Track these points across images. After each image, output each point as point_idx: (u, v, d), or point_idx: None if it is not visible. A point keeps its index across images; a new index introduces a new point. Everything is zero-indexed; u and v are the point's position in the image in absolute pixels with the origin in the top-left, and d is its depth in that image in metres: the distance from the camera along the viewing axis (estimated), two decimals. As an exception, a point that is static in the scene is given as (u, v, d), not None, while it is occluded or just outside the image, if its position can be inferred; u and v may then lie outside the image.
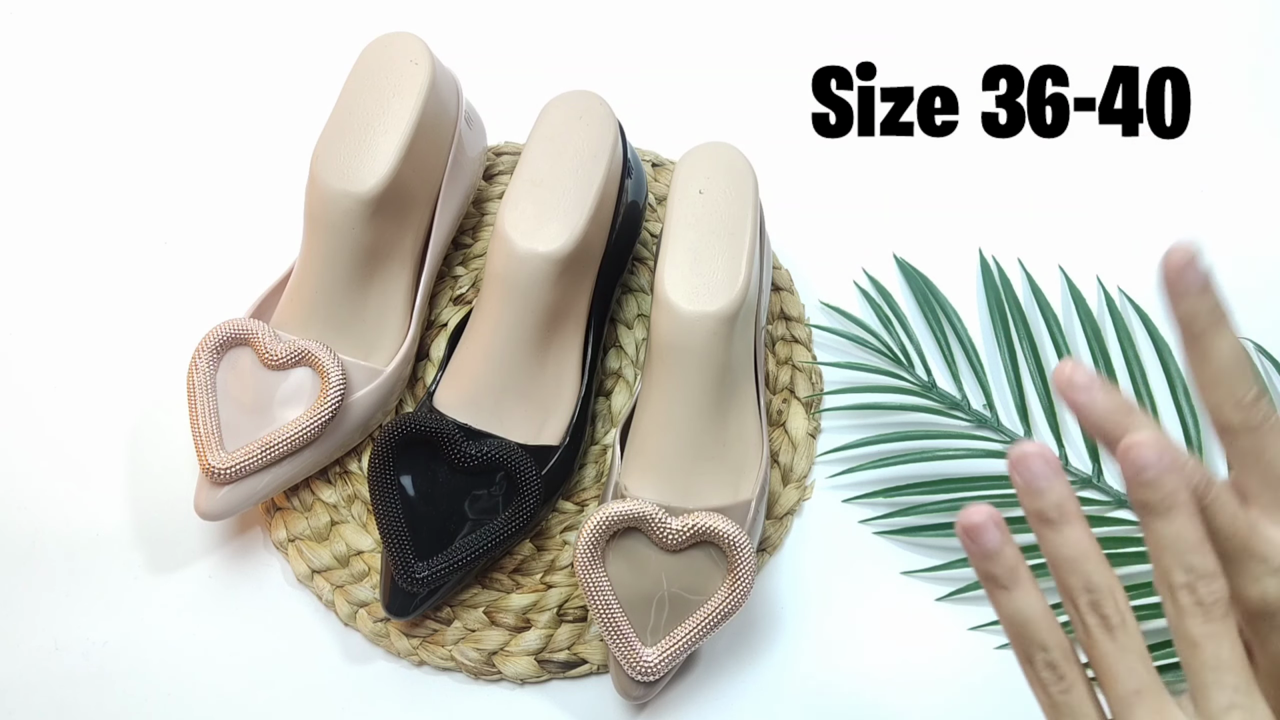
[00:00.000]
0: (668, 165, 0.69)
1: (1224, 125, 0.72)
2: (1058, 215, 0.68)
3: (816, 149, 0.71)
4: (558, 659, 0.54)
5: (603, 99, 0.58)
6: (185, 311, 0.63)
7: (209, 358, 0.53)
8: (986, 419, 0.60)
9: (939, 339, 0.62)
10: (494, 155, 0.68)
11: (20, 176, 0.68)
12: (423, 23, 0.63)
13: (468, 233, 0.66)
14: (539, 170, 0.55)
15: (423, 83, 0.56)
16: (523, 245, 0.52)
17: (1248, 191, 0.69)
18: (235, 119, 0.71)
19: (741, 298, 0.51)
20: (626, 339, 0.62)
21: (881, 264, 0.66)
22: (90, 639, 0.54)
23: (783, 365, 0.62)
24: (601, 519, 0.49)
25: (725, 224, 0.54)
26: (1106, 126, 0.72)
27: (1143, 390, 0.60)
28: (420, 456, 0.53)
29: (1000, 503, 0.57)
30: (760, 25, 0.76)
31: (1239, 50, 0.75)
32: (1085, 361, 0.35)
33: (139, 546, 0.57)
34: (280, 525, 0.56)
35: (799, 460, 0.59)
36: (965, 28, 0.76)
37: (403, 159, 0.54)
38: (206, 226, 0.67)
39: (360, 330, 0.57)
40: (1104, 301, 0.64)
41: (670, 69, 0.74)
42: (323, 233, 0.54)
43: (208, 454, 0.52)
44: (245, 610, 0.55)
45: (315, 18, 0.75)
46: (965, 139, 0.72)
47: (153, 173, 0.69)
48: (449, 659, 0.54)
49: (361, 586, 0.55)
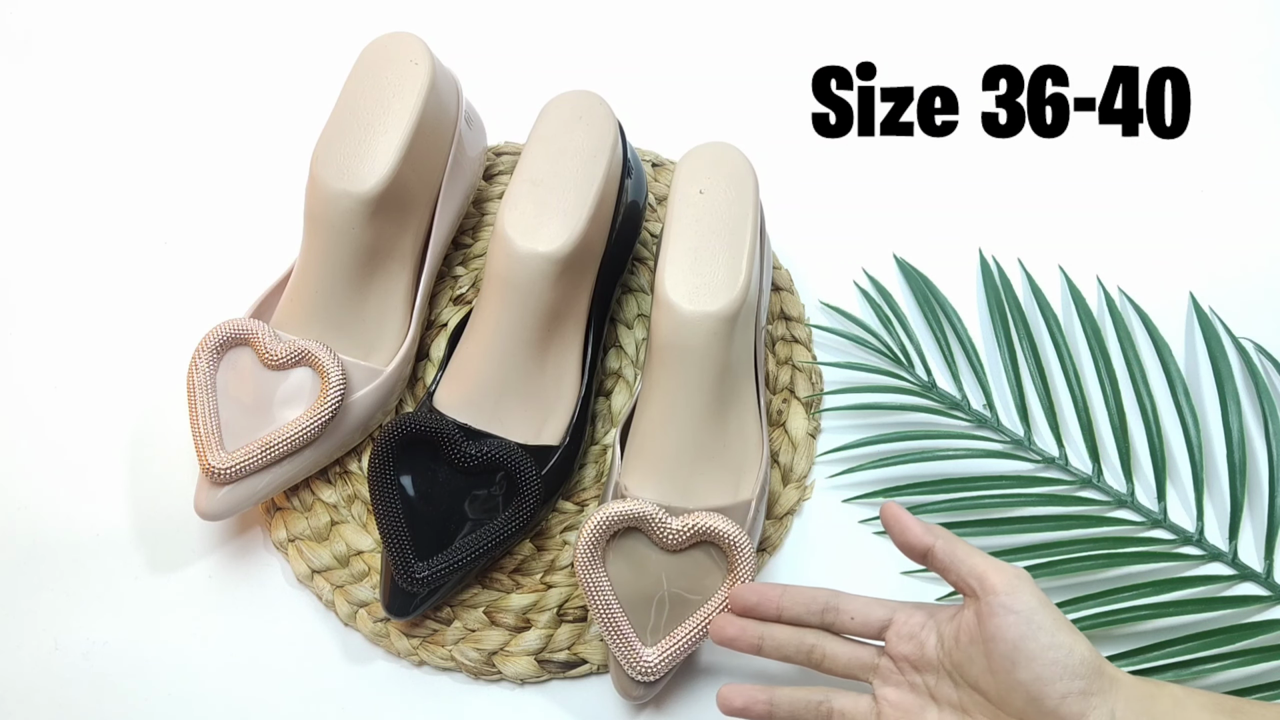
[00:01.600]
0: (668, 165, 0.69)
1: (1224, 125, 0.72)
2: (1058, 215, 0.68)
3: (816, 149, 0.71)
4: (558, 659, 0.54)
5: (603, 99, 0.58)
6: (185, 311, 0.63)
7: (209, 358, 0.53)
8: (986, 419, 0.60)
9: (939, 339, 0.62)
10: (494, 155, 0.68)
11: (20, 177, 0.68)
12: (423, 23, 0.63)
13: (468, 233, 0.66)
14: (539, 170, 0.55)
15: (423, 83, 0.56)
16: (523, 245, 0.52)
17: (1248, 191, 0.69)
18: (235, 119, 0.71)
19: (741, 298, 0.51)
20: (626, 339, 0.62)
21: (881, 264, 0.66)
22: (90, 639, 0.54)
23: (783, 365, 0.62)
24: (601, 519, 0.49)
25: (725, 224, 0.54)
26: (1106, 126, 0.72)
27: (1143, 390, 0.60)
28: (420, 456, 0.53)
29: (1000, 503, 0.57)
30: (760, 25, 0.76)
31: (1239, 50, 0.75)
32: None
33: (139, 546, 0.57)
34: (280, 525, 0.56)
35: (799, 460, 0.59)
36: (965, 28, 0.76)
37: (403, 159, 0.54)
38: (206, 226, 0.67)
39: (360, 330, 0.57)
40: (1104, 301, 0.64)
41: (670, 69, 0.74)
42: (323, 233, 0.54)
43: (208, 454, 0.52)
44: (245, 610, 0.55)
45: (315, 18, 0.75)
46: (965, 139, 0.72)
47: (153, 173, 0.69)
48: (449, 659, 0.54)
49: (361, 586, 0.55)
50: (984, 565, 0.42)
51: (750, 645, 0.46)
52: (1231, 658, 0.52)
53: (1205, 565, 0.56)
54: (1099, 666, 0.40)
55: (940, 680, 0.43)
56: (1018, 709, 0.40)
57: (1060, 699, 0.39)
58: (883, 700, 0.44)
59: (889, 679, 0.45)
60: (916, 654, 0.44)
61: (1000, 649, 0.40)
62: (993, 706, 0.41)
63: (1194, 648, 0.52)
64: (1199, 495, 0.57)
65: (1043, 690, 0.39)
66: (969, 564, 0.42)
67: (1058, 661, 0.39)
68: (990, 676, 0.41)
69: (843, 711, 0.45)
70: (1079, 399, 0.60)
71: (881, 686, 0.45)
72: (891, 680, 0.45)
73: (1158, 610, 0.53)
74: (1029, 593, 0.41)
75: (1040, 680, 0.39)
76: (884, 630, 0.45)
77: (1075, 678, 0.39)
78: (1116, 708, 0.39)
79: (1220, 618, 0.54)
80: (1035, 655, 0.39)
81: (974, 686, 0.42)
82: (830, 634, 0.46)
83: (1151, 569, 0.56)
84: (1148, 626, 0.54)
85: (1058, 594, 0.55)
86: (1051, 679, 0.39)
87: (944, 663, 0.43)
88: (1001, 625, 0.40)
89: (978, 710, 0.42)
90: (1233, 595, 0.55)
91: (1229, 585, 0.55)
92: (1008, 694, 0.40)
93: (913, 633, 0.44)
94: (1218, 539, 0.57)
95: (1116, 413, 0.59)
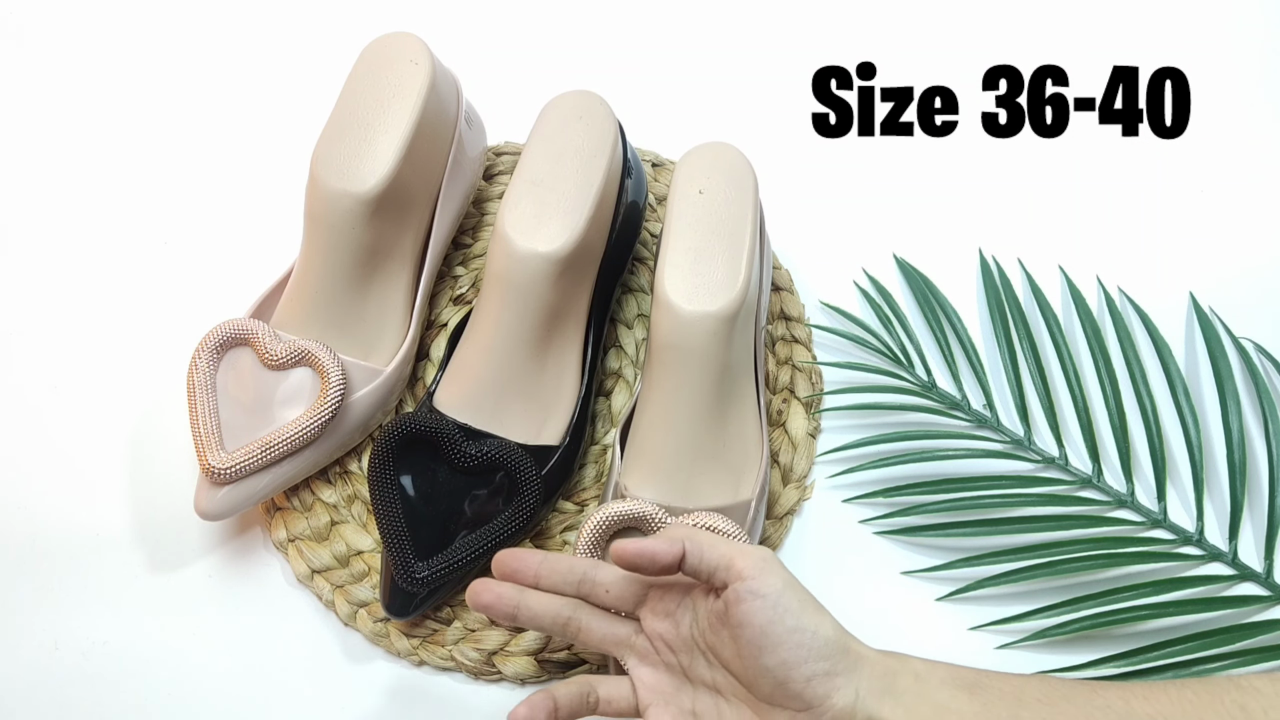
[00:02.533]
0: (668, 165, 0.69)
1: (1224, 125, 0.72)
2: (1058, 215, 0.68)
3: (816, 149, 0.71)
4: (557, 659, 0.54)
5: (603, 99, 0.58)
6: (185, 311, 0.63)
7: (209, 358, 0.53)
8: (986, 419, 0.60)
9: (939, 339, 0.62)
10: (494, 155, 0.68)
11: (21, 177, 0.68)
12: (423, 23, 0.63)
13: (468, 233, 0.66)
14: (539, 170, 0.55)
15: (423, 83, 0.56)
16: (523, 245, 0.52)
17: (1248, 191, 0.69)
18: (235, 119, 0.71)
19: (741, 298, 0.51)
20: (626, 339, 0.62)
21: (881, 264, 0.66)
22: (90, 639, 0.54)
23: (783, 365, 0.62)
24: (601, 519, 0.49)
25: (725, 224, 0.54)
26: (1106, 126, 0.72)
27: (1143, 390, 0.60)
28: (420, 456, 0.53)
29: (1000, 502, 0.57)
30: (760, 25, 0.76)
31: (1239, 50, 0.75)
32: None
33: (139, 546, 0.57)
34: (280, 525, 0.56)
35: (799, 460, 0.59)
36: (965, 28, 0.76)
37: (403, 159, 0.54)
38: (206, 226, 0.67)
39: (360, 330, 0.57)
40: (1104, 301, 0.64)
41: (670, 69, 0.74)
42: (323, 233, 0.54)
43: (208, 454, 0.51)
44: (245, 610, 0.55)
45: (315, 18, 0.75)
46: (965, 139, 0.72)
47: (153, 173, 0.69)
48: (449, 659, 0.54)
49: (361, 586, 0.55)
50: (731, 551, 0.41)
51: (506, 612, 0.45)
52: (1231, 658, 0.52)
53: (1205, 565, 0.56)
54: (845, 645, 0.40)
55: (695, 660, 0.43)
56: (766, 693, 0.40)
57: (805, 682, 0.39)
58: (638, 681, 0.44)
59: (646, 658, 0.44)
60: (671, 633, 0.43)
61: (747, 634, 0.40)
62: (745, 690, 0.41)
63: (1194, 648, 0.52)
64: (1199, 495, 0.57)
65: (789, 674, 0.39)
66: (716, 553, 0.41)
67: (803, 645, 0.39)
68: (740, 661, 0.40)
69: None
70: (1079, 399, 0.60)
71: (638, 666, 0.44)
72: (648, 659, 0.44)
73: (1158, 610, 0.53)
74: (776, 575, 0.40)
75: (786, 665, 0.39)
76: (640, 606, 0.45)
77: (820, 659, 0.39)
78: (861, 686, 0.39)
79: (1220, 618, 0.54)
80: (781, 640, 0.39)
81: (727, 668, 0.42)
82: (589, 607, 0.45)
83: (1151, 569, 0.56)
84: (1148, 626, 0.54)
85: (1058, 594, 0.55)
86: (797, 663, 0.39)
87: (699, 642, 0.43)
88: (749, 611, 0.39)
89: (731, 692, 0.41)
90: (1233, 595, 0.55)
91: (1229, 585, 0.55)
92: (756, 679, 0.40)
93: (668, 610, 0.44)
94: (1218, 539, 0.57)
95: (1116, 413, 0.59)
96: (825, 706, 0.39)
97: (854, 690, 0.39)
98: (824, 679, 0.39)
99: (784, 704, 0.39)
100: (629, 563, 0.41)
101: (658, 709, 0.42)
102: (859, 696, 0.39)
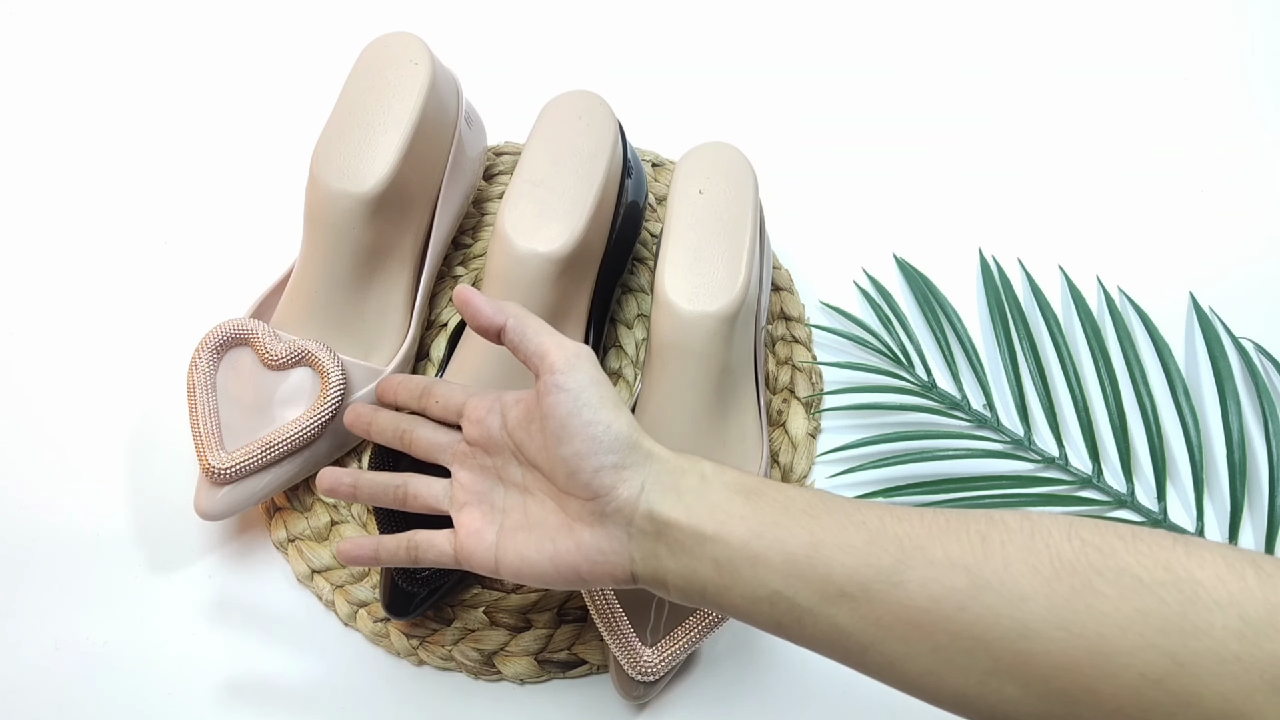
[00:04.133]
0: (668, 165, 0.69)
1: (1224, 125, 0.72)
2: (1058, 215, 0.68)
3: (816, 149, 0.71)
4: (558, 659, 0.54)
5: (603, 99, 0.58)
6: (185, 311, 0.63)
7: (209, 358, 0.53)
8: (986, 419, 0.60)
9: (939, 339, 0.62)
10: (494, 155, 0.68)
11: (21, 177, 0.68)
12: (423, 23, 0.63)
13: (468, 233, 0.66)
14: (539, 170, 0.55)
15: (423, 83, 0.56)
16: (523, 245, 0.52)
17: (1248, 191, 0.69)
18: (235, 119, 0.71)
19: (741, 298, 0.51)
20: (626, 339, 0.62)
21: (881, 264, 0.66)
22: (90, 639, 0.54)
23: (783, 365, 0.62)
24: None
25: (725, 224, 0.54)
26: (1106, 127, 0.72)
27: (1143, 390, 0.60)
28: (420, 456, 0.53)
29: (1000, 503, 0.57)
30: (760, 25, 0.76)
31: (1238, 51, 0.75)
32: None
33: (139, 546, 0.57)
34: (280, 525, 0.56)
35: (799, 460, 0.59)
36: (965, 28, 0.76)
37: (403, 159, 0.54)
38: (206, 226, 0.67)
39: (360, 330, 0.57)
40: (1104, 301, 0.64)
41: (670, 69, 0.74)
42: (323, 232, 0.54)
43: (208, 454, 0.52)
44: (245, 610, 0.55)
45: (315, 18, 0.75)
46: (965, 139, 0.72)
47: (153, 173, 0.69)
48: (449, 659, 0.54)
49: (361, 586, 0.55)
50: (548, 343, 0.43)
51: (361, 428, 0.50)
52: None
53: (1205, 565, 0.56)
54: (635, 442, 0.41)
55: (506, 461, 0.45)
56: (561, 483, 0.42)
57: (594, 473, 0.40)
58: (456, 483, 0.46)
59: (465, 462, 0.46)
60: (484, 437, 0.46)
61: (550, 426, 0.41)
62: (548, 483, 0.43)
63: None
64: (1199, 495, 0.57)
65: (580, 464, 0.40)
66: (536, 342, 0.43)
67: (595, 437, 0.40)
68: (545, 453, 0.42)
69: (417, 494, 0.47)
70: (1079, 399, 0.60)
71: (459, 470, 0.46)
72: (467, 464, 0.46)
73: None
74: (584, 372, 0.42)
75: (578, 455, 0.40)
76: (459, 416, 0.47)
77: (609, 453, 0.40)
78: (648, 481, 0.40)
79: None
80: (576, 432, 0.41)
81: (533, 464, 0.43)
82: (422, 420, 0.49)
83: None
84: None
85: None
86: (588, 454, 0.40)
87: (508, 443, 0.45)
88: (554, 403, 0.41)
89: (536, 487, 0.43)
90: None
91: (1229, 585, 0.55)
92: (554, 469, 0.42)
93: (480, 417, 0.46)
94: (1218, 539, 0.57)
95: (1116, 413, 0.59)
96: (610, 497, 0.40)
97: (639, 484, 0.40)
98: (611, 471, 0.40)
99: (575, 493, 0.41)
100: (459, 302, 0.44)
101: (470, 508, 0.45)
102: (644, 490, 0.40)
